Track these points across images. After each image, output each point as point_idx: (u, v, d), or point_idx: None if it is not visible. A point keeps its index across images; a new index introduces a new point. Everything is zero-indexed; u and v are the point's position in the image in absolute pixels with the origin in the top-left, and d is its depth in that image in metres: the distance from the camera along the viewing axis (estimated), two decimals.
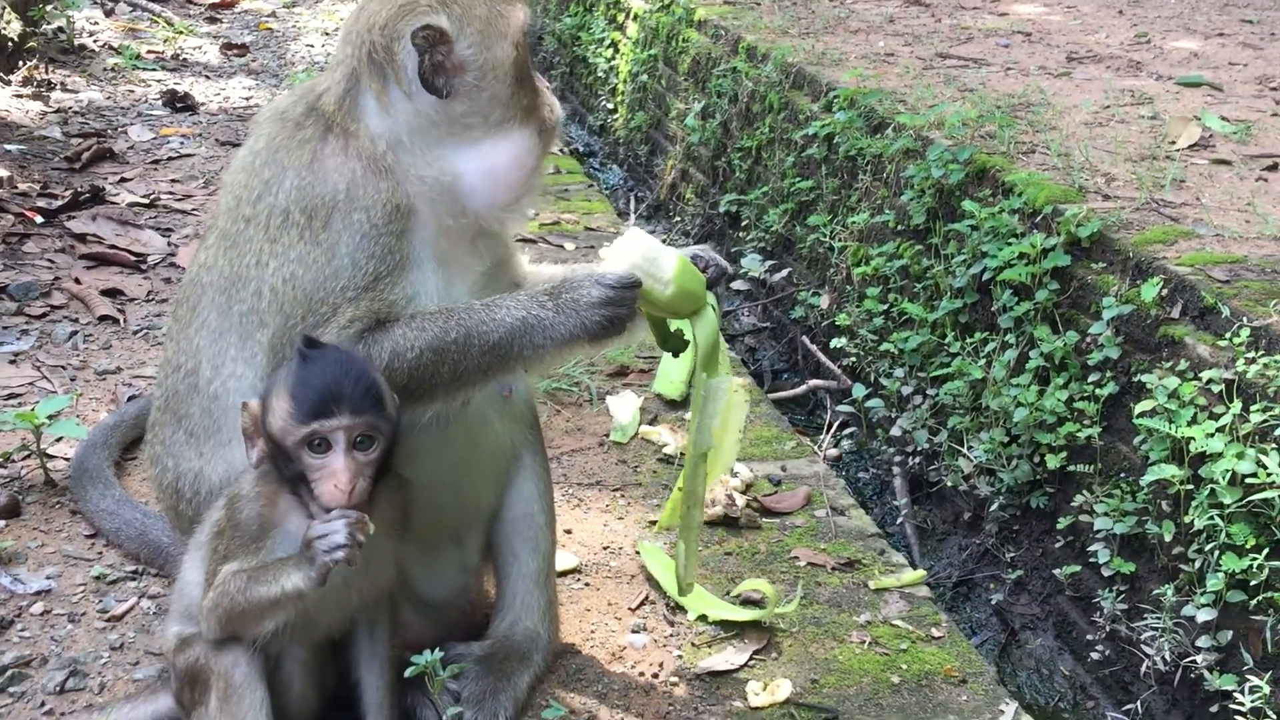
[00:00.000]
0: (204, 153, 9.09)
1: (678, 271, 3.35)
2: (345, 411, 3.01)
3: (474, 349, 3.26)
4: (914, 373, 5.93)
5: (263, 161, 3.37)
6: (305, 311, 3.25)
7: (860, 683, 3.87)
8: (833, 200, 7.19)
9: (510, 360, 3.31)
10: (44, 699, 3.64)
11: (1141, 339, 4.70)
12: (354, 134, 3.32)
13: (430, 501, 3.49)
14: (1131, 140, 6.34)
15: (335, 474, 3.03)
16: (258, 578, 3.05)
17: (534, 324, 3.28)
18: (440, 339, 3.24)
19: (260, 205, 3.32)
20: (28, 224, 7.20)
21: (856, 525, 4.74)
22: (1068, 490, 4.93)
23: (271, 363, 3.28)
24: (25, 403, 5.19)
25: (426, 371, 3.25)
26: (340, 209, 3.25)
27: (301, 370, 3.05)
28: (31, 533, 4.42)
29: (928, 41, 8.88)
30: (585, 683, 3.82)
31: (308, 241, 3.26)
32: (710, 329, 3.47)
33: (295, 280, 3.26)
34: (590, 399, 5.61)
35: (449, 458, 3.52)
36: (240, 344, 3.36)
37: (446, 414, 3.39)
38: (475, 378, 3.31)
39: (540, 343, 3.29)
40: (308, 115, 3.38)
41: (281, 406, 3.04)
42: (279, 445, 3.06)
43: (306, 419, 3.01)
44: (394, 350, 3.22)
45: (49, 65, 10.99)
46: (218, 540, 3.18)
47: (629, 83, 11.16)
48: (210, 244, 3.47)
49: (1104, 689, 4.75)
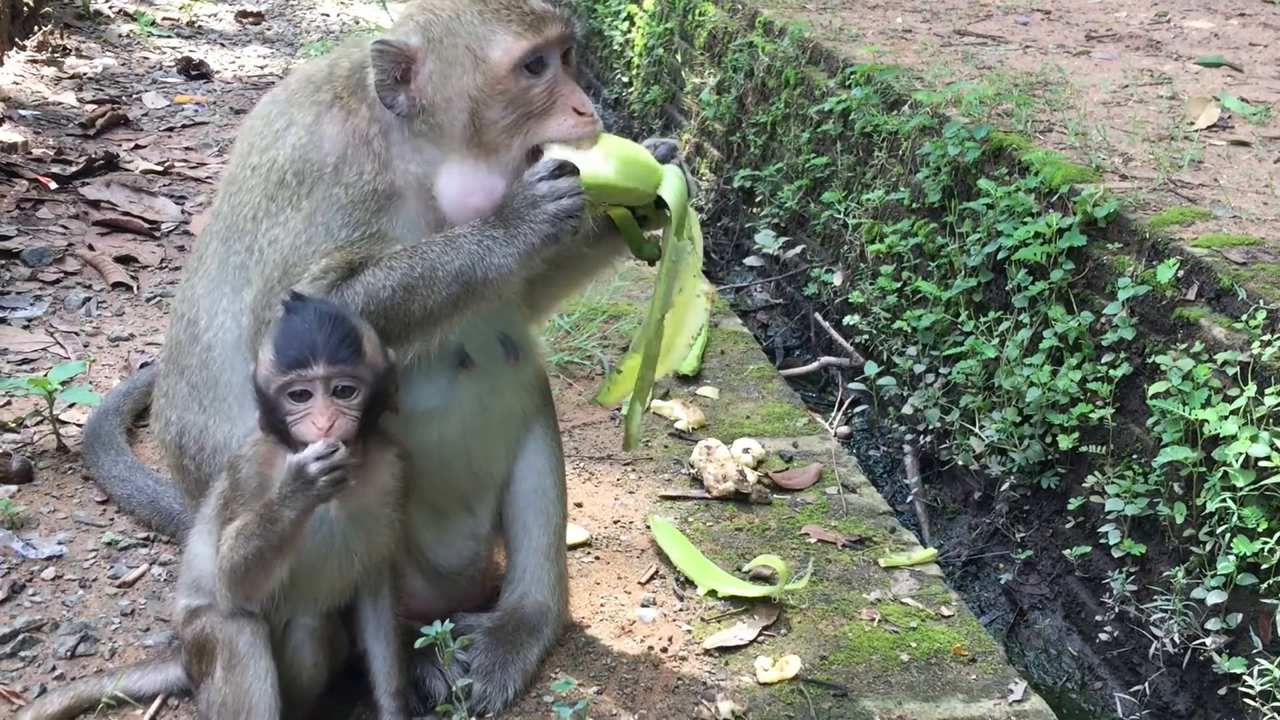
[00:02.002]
0: (218, 120, 9.08)
1: (604, 146, 3.31)
2: (322, 361, 3.08)
3: (439, 280, 3.26)
4: (926, 351, 5.92)
5: (278, 111, 3.43)
6: (282, 274, 3.30)
7: (869, 660, 3.87)
8: (847, 177, 7.16)
9: (477, 285, 3.28)
10: (55, 663, 3.66)
11: (1156, 320, 4.69)
12: (354, 112, 3.37)
13: (441, 468, 3.50)
14: (1150, 120, 6.30)
15: (313, 414, 3.10)
16: (251, 522, 3.09)
17: (489, 244, 3.26)
18: (408, 274, 3.25)
19: (265, 156, 3.38)
20: (42, 190, 7.21)
21: (867, 503, 4.74)
22: (1079, 471, 4.92)
23: (253, 325, 3.34)
24: (38, 368, 5.20)
25: (399, 310, 3.26)
26: (325, 180, 3.30)
27: (284, 323, 3.13)
28: (44, 498, 4.43)
29: (946, 18, 8.84)
30: (594, 656, 3.82)
31: (292, 206, 3.31)
32: (677, 191, 3.42)
33: (276, 243, 3.32)
34: (603, 373, 5.60)
35: (459, 424, 3.53)
36: (233, 296, 3.43)
37: (429, 353, 3.37)
38: (447, 309, 3.30)
39: (500, 261, 3.26)
40: (326, 81, 3.43)
41: (265, 357, 3.13)
42: (264, 395, 3.13)
43: (286, 368, 3.09)
44: (367, 293, 3.24)
45: (64, 31, 10.99)
46: (225, 510, 3.21)
47: (644, 56, 11.11)
48: (222, 191, 3.55)
49: (1112, 670, 4.75)
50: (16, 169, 7.36)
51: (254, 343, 3.32)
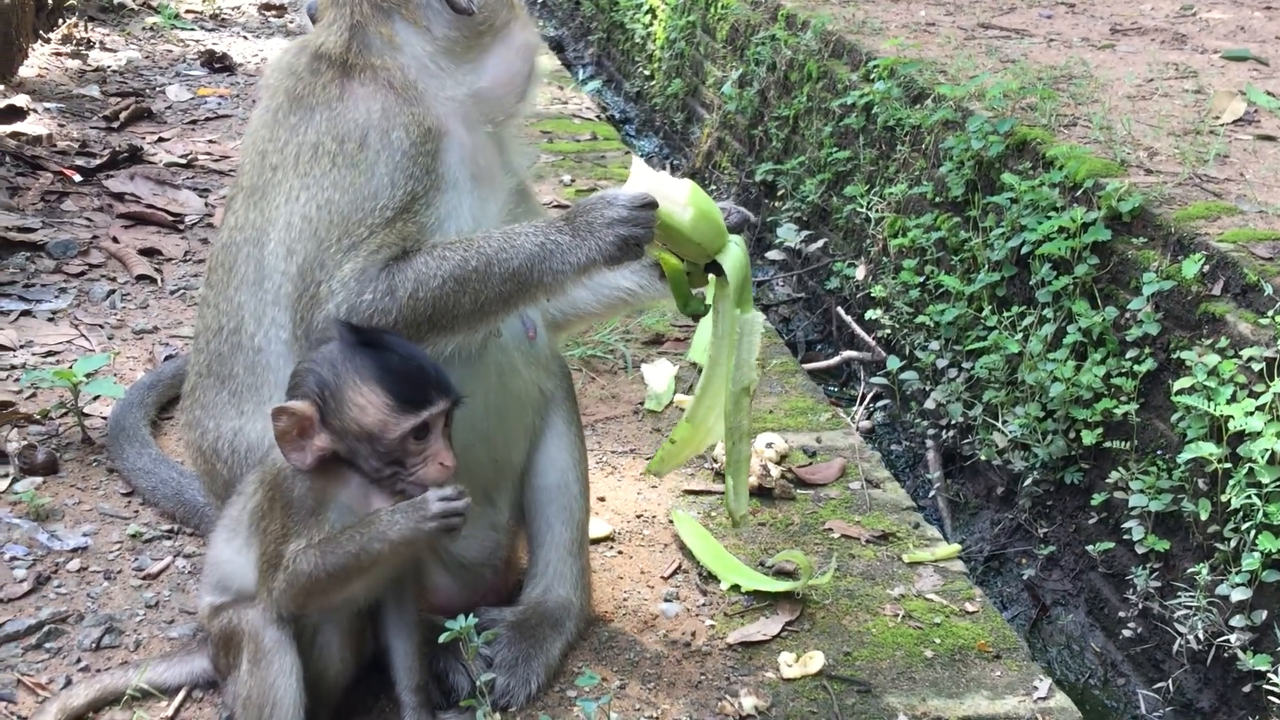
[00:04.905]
0: (241, 113, 9.10)
1: (692, 195, 3.31)
2: (442, 396, 3.07)
3: (495, 276, 3.25)
4: (949, 346, 5.91)
5: (286, 111, 3.38)
6: (341, 234, 3.24)
7: (893, 656, 3.86)
8: (870, 171, 7.15)
9: (530, 287, 3.29)
10: (80, 655, 3.67)
11: (1181, 315, 4.67)
12: (378, 67, 3.35)
13: (464, 455, 3.49)
14: (1175, 114, 6.27)
15: (440, 454, 3.10)
16: (340, 542, 3.05)
17: (552, 248, 3.26)
18: (461, 267, 3.23)
19: (288, 150, 3.34)
20: (66, 182, 7.23)
21: (891, 498, 4.73)
22: (1103, 466, 4.91)
23: (297, 289, 3.27)
24: (63, 361, 5.22)
25: (449, 300, 3.23)
26: (376, 128, 3.27)
27: (373, 362, 3.06)
28: (69, 490, 4.45)
29: (969, 11, 8.81)
30: (617, 650, 3.82)
31: (342, 166, 3.27)
32: (740, 264, 3.44)
33: (331, 204, 3.26)
34: (625, 367, 5.60)
35: (480, 403, 3.50)
36: (273, 287, 3.37)
37: (472, 351, 3.39)
38: (496, 306, 3.29)
39: (559, 267, 3.26)
40: (317, 62, 3.40)
41: (373, 403, 3.05)
42: (373, 439, 3.06)
43: (414, 410, 3.04)
44: (417, 279, 3.21)
45: (88, 24, 11.02)
46: (266, 522, 3.16)
47: (666, 49, 11.10)
48: (238, 206, 3.47)
49: (1135, 667, 4.73)
50: (41, 162, 7.39)
51: (295, 306, 3.28)
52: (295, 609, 3.15)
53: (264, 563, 3.14)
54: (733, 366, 3.50)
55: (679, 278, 3.46)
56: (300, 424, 3.07)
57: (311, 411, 3.07)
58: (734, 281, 3.43)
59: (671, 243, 3.36)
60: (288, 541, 3.09)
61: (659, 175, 3.33)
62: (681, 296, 3.49)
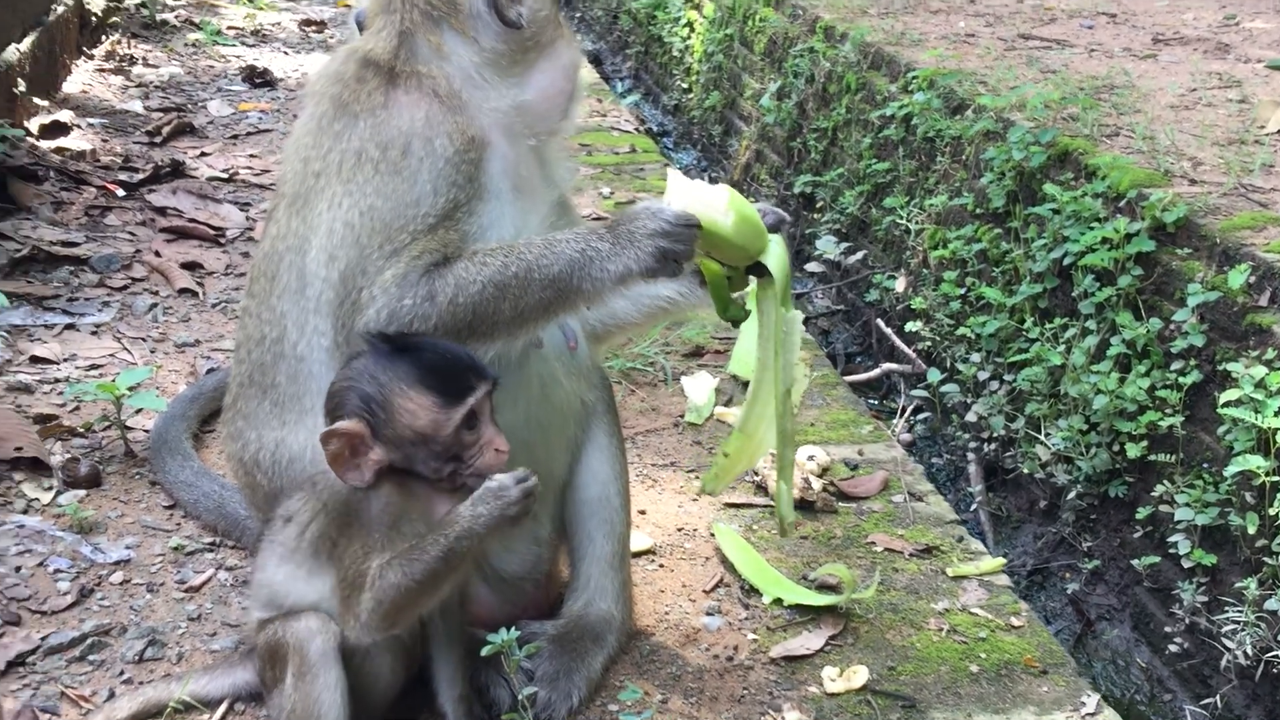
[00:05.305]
0: (281, 128, 9.15)
1: (731, 201, 3.31)
2: (480, 379, 3.11)
3: (534, 283, 3.25)
4: (991, 358, 5.87)
5: (330, 119, 3.39)
6: (383, 240, 3.24)
7: (938, 671, 3.83)
8: (910, 182, 7.12)
9: (570, 294, 3.29)
10: (123, 668, 3.68)
11: (1227, 326, 4.62)
12: (424, 75, 3.36)
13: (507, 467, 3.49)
14: (1219, 124, 6.22)
15: (493, 440, 3.14)
16: (425, 548, 3.04)
17: (593, 255, 3.26)
18: (501, 273, 3.23)
19: (330, 157, 3.35)
20: (109, 197, 7.29)
21: (934, 511, 4.69)
22: (1148, 480, 4.86)
23: (339, 295, 3.28)
24: (106, 374, 5.25)
25: (489, 307, 3.23)
26: (419, 136, 3.28)
27: (412, 366, 3.08)
28: (112, 503, 4.47)
29: (1009, 22, 8.77)
30: (659, 664, 3.80)
31: (385, 173, 3.27)
32: (782, 262, 3.43)
33: (374, 211, 3.26)
34: (665, 379, 5.59)
35: (523, 414, 3.50)
36: (315, 294, 3.37)
37: (514, 361, 3.39)
38: (536, 312, 3.30)
39: (598, 275, 3.26)
40: (364, 69, 3.40)
41: (422, 405, 3.07)
42: (428, 440, 3.08)
43: (460, 401, 3.07)
44: (458, 284, 3.21)
45: (131, 40, 11.12)
46: (340, 549, 3.14)
47: (704, 62, 11.11)
48: (280, 215, 3.48)
49: (1182, 682, 4.68)
50: (85, 176, 7.45)
51: (336, 313, 3.29)
52: (385, 627, 3.12)
53: (345, 587, 3.11)
54: (778, 366, 3.49)
55: (719, 282, 3.45)
56: (351, 443, 3.07)
57: (362, 428, 3.07)
58: (780, 280, 3.42)
59: (715, 250, 3.35)
60: (369, 560, 3.07)
61: (696, 184, 3.33)
62: (722, 301, 3.48)
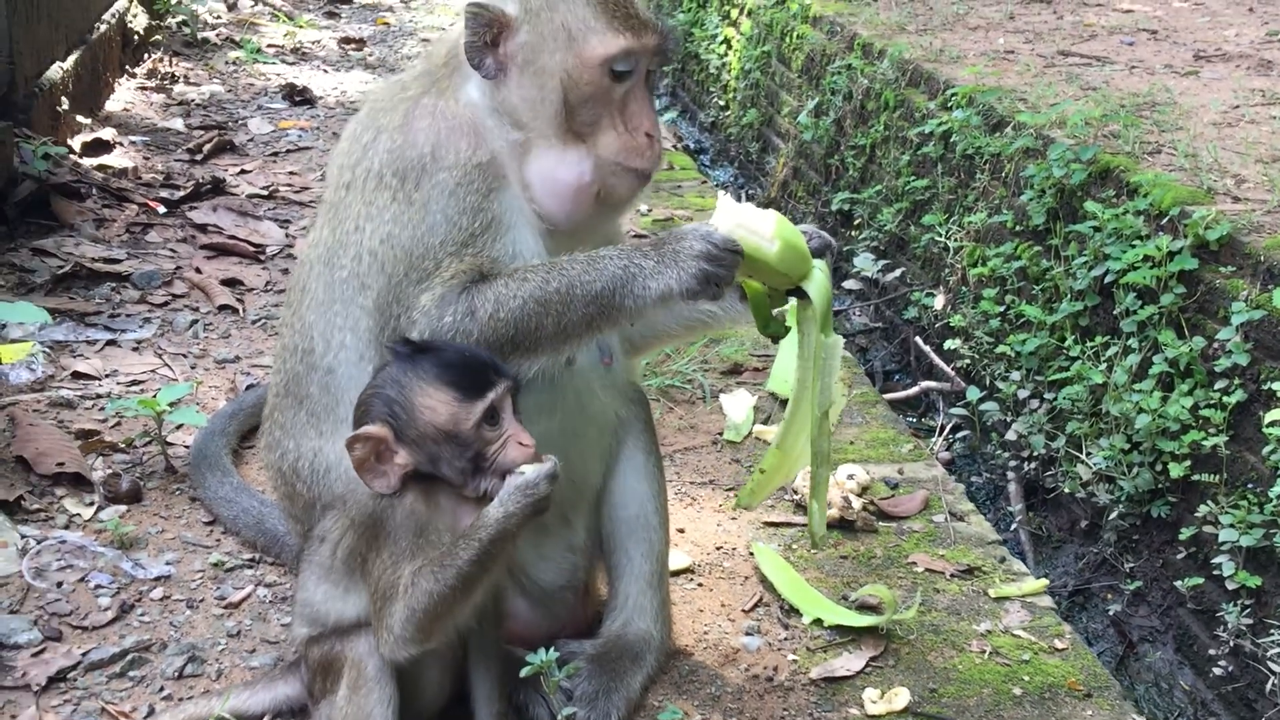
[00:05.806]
0: (321, 145, 9.20)
1: (778, 228, 3.31)
2: (500, 376, 3.11)
3: (576, 299, 3.25)
4: (1031, 376, 5.83)
5: (363, 126, 3.46)
6: (408, 268, 3.28)
7: (980, 693, 3.79)
8: (948, 199, 7.09)
9: (613, 311, 3.28)
10: (163, 684, 3.69)
11: (1272, 345, 4.57)
12: (446, 93, 3.40)
13: None
14: (1263, 141, 6.17)
15: (516, 434, 3.12)
16: (456, 552, 3.05)
17: (636, 273, 3.26)
18: (542, 289, 3.24)
19: (358, 169, 3.40)
20: (151, 214, 7.34)
21: (976, 531, 4.66)
22: (1191, 500, 4.81)
23: (379, 323, 3.32)
24: (147, 390, 5.28)
25: (531, 322, 3.25)
26: (428, 170, 3.31)
27: (431, 364, 3.10)
28: (152, 518, 4.49)
29: (1049, 39, 8.72)
30: (698, 684, 3.78)
31: (401, 202, 3.31)
32: (823, 290, 3.43)
33: (393, 240, 3.30)
34: (704, 397, 5.58)
35: (558, 424, 3.50)
36: (344, 311, 3.42)
37: (551, 372, 3.39)
38: (579, 329, 3.30)
39: (641, 292, 3.25)
40: (418, 77, 3.47)
41: (441, 400, 3.08)
42: (456, 439, 3.08)
43: (479, 395, 3.07)
44: (497, 300, 3.23)
45: (172, 58, 11.21)
46: (369, 562, 3.15)
47: (741, 79, 11.10)
48: (319, 220, 3.57)
49: (1226, 705, 4.63)
50: (127, 193, 7.51)
51: (378, 342, 3.32)
52: (420, 640, 3.10)
53: (378, 599, 3.12)
54: (816, 388, 3.48)
55: (760, 300, 3.45)
56: (376, 447, 3.09)
57: (385, 432, 3.09)
58: (820, 307, 3.41)
59: (758, 275, 3.35)
60: (399, 569, 3.08)
61: (744, 208, 3.32)
62: (762, 318, 3.48)
